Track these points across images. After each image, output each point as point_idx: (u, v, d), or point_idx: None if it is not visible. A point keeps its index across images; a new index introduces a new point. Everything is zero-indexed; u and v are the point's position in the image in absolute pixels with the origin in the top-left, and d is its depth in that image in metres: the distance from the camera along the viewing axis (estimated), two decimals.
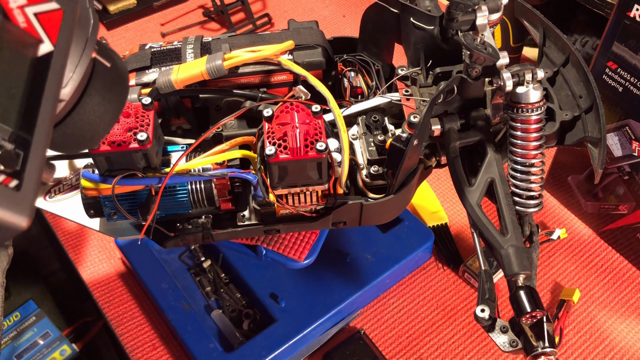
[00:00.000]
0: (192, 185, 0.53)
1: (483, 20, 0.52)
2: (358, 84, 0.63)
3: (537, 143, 0.54)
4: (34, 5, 0.27)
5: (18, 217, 0.25)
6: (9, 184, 0.25)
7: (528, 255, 0.51)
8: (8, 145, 0.25)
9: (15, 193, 0.25)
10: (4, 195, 0.25)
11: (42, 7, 0.28)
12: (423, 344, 0.77)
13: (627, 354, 0.76)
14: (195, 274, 0.80)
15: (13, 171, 0.26)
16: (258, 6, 1.33)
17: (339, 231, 0.82)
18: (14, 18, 0.27)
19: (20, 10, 0.27)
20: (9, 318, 0.76)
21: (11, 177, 0.25)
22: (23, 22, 0.27)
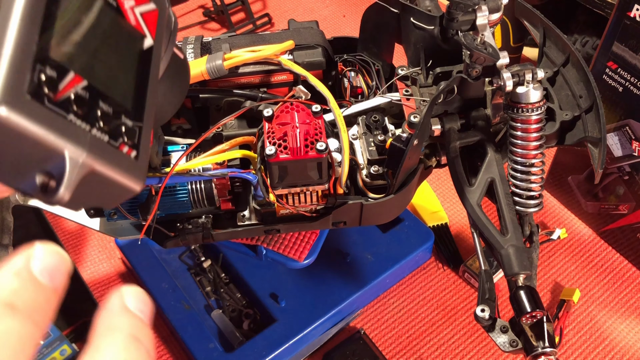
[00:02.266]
0: (192, 185, 0.53)
1: (483, 20, 0.52)
2: (358, 84, 0.63)
3: (537, 143, 0.54)
4: (140, 5, 0.32)
5: (136, 182, 0.30)
6: (131, 154, 0.30)
7: (528, 255, 0.51)
8: (129, 122, 0.30)
9: (134, 162, 0.30)
10: (128, 163, 0.29)
11: (145, 7, 0.33)
12: (423, 344, 0.77)
13: (627, 354, 0.76)
14: (195, 274, 0.80)
15: (133, 143, 0.30)
16: (258, 6, 1.33)
17: (339, 231, 0.82)
18: (128, 17, 0.31)
19: (131, 10, 0.31)
20: None
21: (132, 149, 0.30)
22: (133, 20, 0.32)
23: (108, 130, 0.28)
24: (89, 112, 0.27)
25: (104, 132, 0.28)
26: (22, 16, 0.24)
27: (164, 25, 0.35)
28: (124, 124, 0.30)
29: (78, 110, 0.26)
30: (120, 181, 0.29)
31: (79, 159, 0.26)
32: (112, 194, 0.30)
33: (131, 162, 0.30)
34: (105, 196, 0.30)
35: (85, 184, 0.27)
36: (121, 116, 0.30)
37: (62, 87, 0.26)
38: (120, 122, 0.29)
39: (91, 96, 0.27)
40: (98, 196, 0.29)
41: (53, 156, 0.25)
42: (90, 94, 0.27)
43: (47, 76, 0.25)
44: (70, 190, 0.26)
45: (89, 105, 0.27)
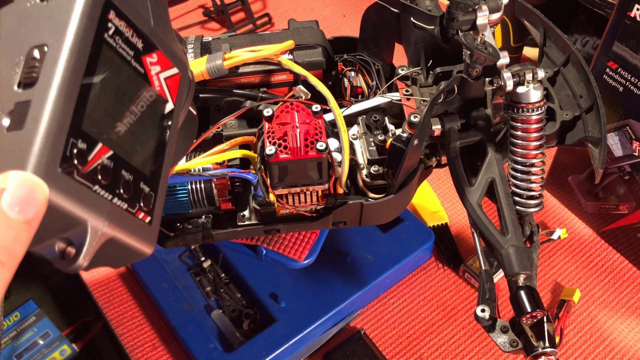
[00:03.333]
0: (192, 185, 0.53)
1: (483, 20, 0.52)
2: (358, 84, 0.63)
3: (538, 143, 0.53)
4: (164, 71, 0.33)
5: (148, 246, 0.31)
6: (146, 220, 0.31)
7: (528, 255, 0.51)
8: (146, 189, 0.31)
9: (148, 227, 0.31)
10: (143, 229, 0.30)
11: (169, 72, 0.33)
12: (423, 344, 0.77)
13: (628, 354, 0.76)
14: (195, 274, 0.80)
15: (148, 209, 0.31)
16: (258, 6, 1.33)
17: (339, 231, 0.82)
18: (153, 83, 0.32)
19: (157, 77, 0.32)
20: (8, 318, 0.76)
21: (147, 214, 0.31)
22: (158, 86, 0.32)
23: (127, 198, 0.29)
24: (112, 181, 0.28)
25: (124, 200, 0.28)
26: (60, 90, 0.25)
27: (184, 88, 0.35)
28: (142, 191, 0.30)
29: (102, 181, 0.27)
30: (134, 246, 0.29)
31: (100, 228, 0.27)
32: (124, 257, 0.30)
33: (146, 228, 0.30)
34: (117, 259, 0.30)
35: (101, 250, 0.27)
36: (140, 183, 0.30)
37: (90, 159, 0.26)
38: (139, 188, 0.30)
39: (115, 166, 0.28)
40: (110, 259, 0.30)
41: (76, 226, 0.26)
42: (115, 163, 0.28)
43: (79, 149, 0.25)
44: (89, 258, 0.26)
45: (113, 174, 0.28)
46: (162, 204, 0.33)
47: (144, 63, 0.31)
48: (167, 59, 0.33)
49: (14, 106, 0.25)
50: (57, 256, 0.26)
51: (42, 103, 0.24)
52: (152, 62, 0.32)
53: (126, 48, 0.29)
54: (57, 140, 0.24)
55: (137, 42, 0.30)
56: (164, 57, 0.33)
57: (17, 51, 0.26)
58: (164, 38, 0.33)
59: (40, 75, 0.25)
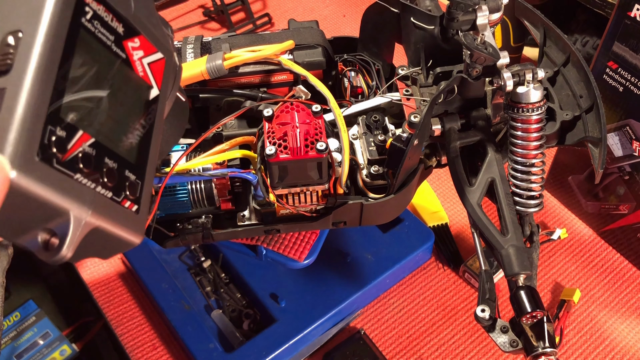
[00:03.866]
0: (192, 185, 0.53)
1: (483, 20, 0.52)
2: (358, 84, 0.63)
3: (538, 143, 0.53)
4: (147, 56, 0.32)
5: (136, 235, 0.30)
6: (132, 208, 0.30)
7: (528, 255, 0.51)
8: (132, 176, 0.30)
9: (135, 216, 0.30)
10: (129, 218, 0.29)
11: (153, 57, 0.32)
12: (423, 344, 0.77)
13: (628, 354, 0.76)
14: (195, 274, 0.80)
15: (135, 198, 0.30)
16: (258, 6, 1.33)
17: (339, 231, 0.82)
18: (136, 68, 0.31)
19: (139, 62, 0.31)
20: (8, 318, 0.76)
21: (133, 203, 0.30)
22: (141, 71, 0.31)
23: (112, 186, 0.28)
24: (94, 169, 0.27)
25: (108, 188, 0.28)
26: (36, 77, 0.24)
27: (170, 73, 0.34)
28: (127, 179, 0.29)
29: (84, 169, 0.26)
30: (121, 236, 0.29)
31: (83, 218, 0.26)
32: (111, 247, 0.30)
33: (132, 217, 0.30)
34: (105, 249, 0.30)
35: (87, 240, 0.27)
36: (125, 171, 0.29)
37: (70, 147, 0.25)
38: (123, 176, 0.29)
39: (97, 153, 0.27)
40: (97, 249, 0.29)
41: (58, 216, 0.25)
42: (97, 151, 0.27)
43: (57, 137, 0.25)
44: (73, 249, 0.26)
45: (95, 162, 0.27)
46: (150, 192, 0.32)
47: (125, 48, 0.30)
48: (151, 43, 0.32)
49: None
50: (41, 247, 0.25)
51: (17, 90, 0.24)
52: (134, 46, 0.31)
53: (106, 33, 0.28)
54: (34, 128, 0.24)
55: (117, 27, 0.29)
56: (146, 42, 0.32)
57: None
58: (147, 22, 0.32)
59: (15, 62, 0.24)
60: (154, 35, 0.33)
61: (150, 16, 0.33)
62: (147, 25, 0.32)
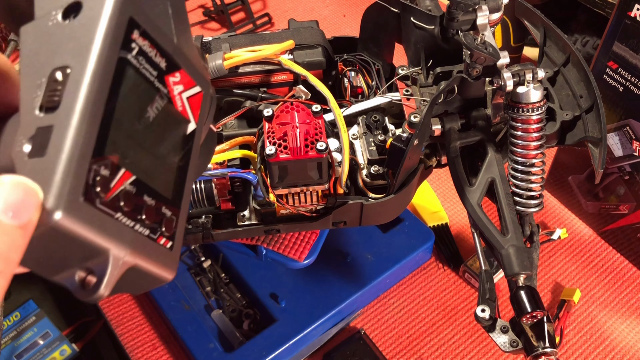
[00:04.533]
0: (192, 185, 0.53)
1: (483, 19, 0.52)
2: (358, 84, 0.63)
3: (538, 143, 0.53)
4: (187, 90, 0.32)
5: (169, 272, 0.29)
6: (167, 245, 0.29)
7: (528, 255, 0.51)
8: (168, 213, 0.30)
9: (169, 252, 0.30)
10: (164, 255, 0.29)
11: (191, 91, 0.32)
12: (423, 344, 0.77)
13: (628, 354, 0.76)
14: (195, 274, 0.80)
15: (170, 235, 0.30)
16: (258, 6, 1.33)
17: (339, 231, 0.81)
18: (175, 103, 0.31)
19: (179, 96, 0.31)
20: (8, 318, 0.76)
21: (168, 240, 0.30)
22: (180, 106, 0.31)
23: (149, 224, 0.28)
24: (134, 208, 0.27)
25: (146, 226, 0.27)
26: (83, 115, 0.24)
27: (206, 106, 0.34)
28: (164, 215, 0.29)
29: (125, 207, 0.26)
30: (155, 273, 0.28)
31: (121, 257, 0.26)
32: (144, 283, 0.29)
33: (167, 253, 0.29)
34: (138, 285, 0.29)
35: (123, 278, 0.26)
36: (162, 207, 0.29)
37: (113, 186, 0.25)
38: (160, 213, 0.29)
39: (137, 191, 0.27)
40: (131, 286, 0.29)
41: (97, 255, 0.25)
42: (137, 188, 0.27)
43: (101, 176, 0.24)
44: (111, 287, 0.25)
45: (135, 200, 0.27)
46: (184, 228, 0.32)
47: (167, 83, 0.30)
48: (190, 77, 0.32)
49: (35, 131, 0.24)
50: (78, 286, 0.25)
51: (65, 128, 0.23)
52: (175, 81, 0.31)
53: (149, 68, 0.28)
54: (80, 168, 0.23)
55: (160, 62, 0.29)
56: (187, 76, 0.32)
57: (38, 73, 0.25)
58: (187, 55, 0.32)
59: (63, 98, 0.24)
60: (194, 68, 0.33)
61: (190, 49, 0.33)
62: (187, 58, 0.32)
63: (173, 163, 0.31)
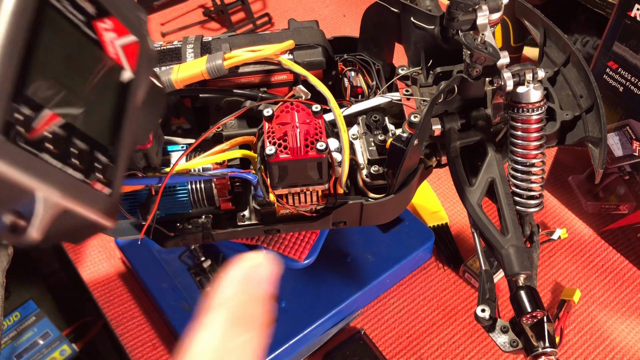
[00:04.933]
0: (192, 185, 0.53)
1: (483, 19, 0.52)
2: (358, 84, 0.63)
3: (538, 143, 0.53)
4: (120, 38, 0.31)
5: (108, 219, 0.30)
6: (104, 191, 0.29)
7: (529, 255, 0.51)
8: (104, 159, 0.30)
9: (107, 199, 0.30)
10: (101, 201, 0.29)
11: (125, 39, 0.32)
12: (423, 344, 0.77)
13: (628, 354, 0.76)
14: (195, 274, 0.80)
15: (108, 181, 0.30)
16: (258, 6, 1.33)
17: (339, 231, 0.81)
18: (107, 50, 0.30)
19: (111, 43, 0.31)
20: (8, 318, 0.76)
21: (106, 186, 0.30)
22: (113, 54, 0.31)
23: (82, 168, 0.28)
24: (63, 150, 0.26)
25: (78, 170, 0.27)
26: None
27: (144, 57, 0.34)
28: (99, 161, 0.29)
29: (53, 149, 0.26)
30: (92, 218, 0.28)
31: (51, 199, 0.25)
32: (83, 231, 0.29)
33: (104, 200, 0.29)
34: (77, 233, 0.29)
35: (57, 223, 0.26)
36: (96, 153, 0.29)
37: (37, 126, 0.25)
38: (95, 159, 0.29)
39: (67, 134, 0.27)
40: (68, 233, 0.29)
41: (24, 197, 0.25)
42: (66, 131, 0.27)
43: (23, 115, 0.24)
44: (41, 231, 0.25)
45: (64, 143, 0.27)
46: (123, 175, 0.32)
47: (95, 29, 0.29)
48: (123, 25, 0.32)
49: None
50: (7, 229, 0.25)
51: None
52: (105, 28, 0.30)
53: (75, 12, 0.28)
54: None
55: (87, 7, 0.29)
56: (119, 24, 0.31)
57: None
58: (119, 4, 0.32)
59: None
60: (127, 17, 0.32)
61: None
62: (119, 7, 0.32)
63: (108, 110, 0.31)
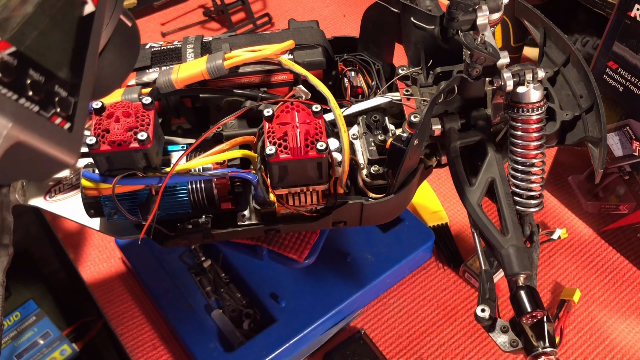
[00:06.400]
0: (193, 185, 0.53)
1: (483, 19, 0.52)
2: (358, 84, 0.63)
3: (538, 143, 0.53)
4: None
5: (70, 155, 0.29)
6: (64, 126, 0.28)
7: (528, 255, 0.51)
8: (63, 92, 0.29)
9: (68, 134, 0.29)
10: (60, 135, 0.28)
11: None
12: (423, 344, 0.77)
13: (628, 354, 0.76)
14: (195, 274, 0.80)
15: (67, 115, 0.29)
16: (258, 6, 1.33)
17: (339, 231, 0.82)
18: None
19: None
20: (9, 318, 0.76)
21: (65, 120, 0.29)
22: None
23: (38, 100, 0.27)
24: (16, 80, 0.26)
25: (34, 102, 0.26)
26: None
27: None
28: (57, 94, 0.28)
29: (3, 78, 0.25)
30: (51, 154, 0.28)
31: (2, 130, 0.25)
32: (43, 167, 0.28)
33: (64, 134, 0.28)
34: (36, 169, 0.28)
35: (12, 156, 0.26)
36: (54, 86, 0.28)
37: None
38: (52, 92, 0.28)
39: (19, 63, 0.26)
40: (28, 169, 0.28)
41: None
42: (19, 61, 0.26)
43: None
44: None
45: (17, 73, 0.26)
46: (86, 111, 0.31)
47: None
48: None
49: None
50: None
51: None
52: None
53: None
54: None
55: None
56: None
57: None
58: None
59: None
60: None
61: None
62: None
63: (67, 44, 0.30)
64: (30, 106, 0.26)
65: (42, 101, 0.27)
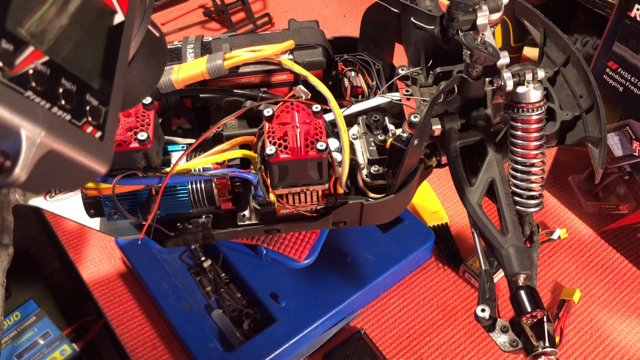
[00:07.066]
0: (193, 185, 0.53)
1: (483, 20, 0.52)
2: (358, 84, 0.63)
3: (538, 143, 0.54)
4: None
5: (101, 164, 0.29)
6: (95, 134, 0.29)
7: (528, 255, 0.51)
8: (94, 102, 0.29)
9: (99, 143, 0.29)
10: (92, 144, 0.28)
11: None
12: (423, 343, 0.77)
13: (628, 353, 0.76)
14: (195, 274, 0.80)
15: (98, 124, 0.29)
16: (258, 6, 1.33)
17: (339, 231, 0.82)
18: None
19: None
20: (9, 318, 0.76)
21: (96, 129, 0.29)
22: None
23: (70, 109, 0.27)
24: (49, 89, 0.26)
25: (66, 110, 0.27)
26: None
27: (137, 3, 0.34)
28: (89, 103, 0.29)
29: (37, 87, 0.25)
30: (82, 162, 0.28)
31: (36, 138, 0.25)
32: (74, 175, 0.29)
33: (95, 143, 0.29)
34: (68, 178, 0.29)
35: (45, 165, 0.26)
36: (86, 95, 0.28)
37: (19, 62, 0.25)
38: (84, 100, 0.28)
39: (52, 73, 0.26)
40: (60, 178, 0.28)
41: (8, 134, 0.24)
42: (52, 70, 0.26)
43: (3, 49, 0.24)
44: (27, 171, 0.25)
45: (50, 82, 0.26)
46: (116, 120, 0.31)
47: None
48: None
49: None
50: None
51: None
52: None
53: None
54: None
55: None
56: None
57: None
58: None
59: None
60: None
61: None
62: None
63: (98, 53, 0.30)
64: (62, 115, 0.27)
65: (74, 110, 0.27)
